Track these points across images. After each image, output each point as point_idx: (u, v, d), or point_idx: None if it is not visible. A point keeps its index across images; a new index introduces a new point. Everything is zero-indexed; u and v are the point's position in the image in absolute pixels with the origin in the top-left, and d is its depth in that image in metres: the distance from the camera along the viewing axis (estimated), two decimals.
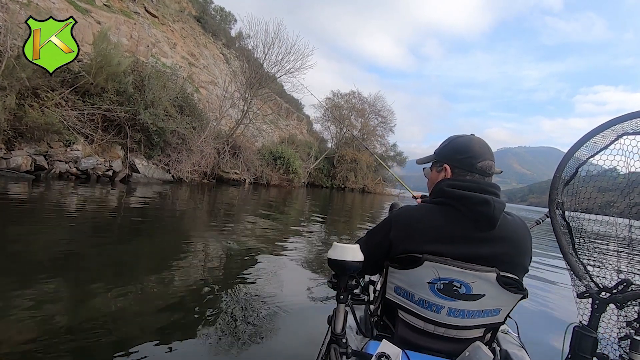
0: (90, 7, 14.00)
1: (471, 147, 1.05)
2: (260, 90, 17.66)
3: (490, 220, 0.93)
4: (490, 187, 0.99)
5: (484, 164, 1.03)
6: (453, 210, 0.97)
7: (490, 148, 1.07)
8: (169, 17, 21.07)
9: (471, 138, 1.08)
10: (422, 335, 1.03)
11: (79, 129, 8.35)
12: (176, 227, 5.25)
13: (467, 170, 1.04)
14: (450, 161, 1.08)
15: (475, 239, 0.95)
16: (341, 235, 6.60)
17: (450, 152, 1.09)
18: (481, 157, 1.03)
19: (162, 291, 2.57)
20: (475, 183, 0.99)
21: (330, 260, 0.94)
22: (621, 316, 1.03)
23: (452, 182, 1.01)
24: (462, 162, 1.05)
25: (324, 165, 28.78)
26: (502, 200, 0.96)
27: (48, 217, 4.46)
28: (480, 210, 0.93)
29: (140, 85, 9.85)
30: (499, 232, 0.96)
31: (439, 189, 1.04)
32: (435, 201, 1.04)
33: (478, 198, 0.94)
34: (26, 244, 3.21)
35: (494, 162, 1.05)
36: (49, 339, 1.73)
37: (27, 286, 2.26)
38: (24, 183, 6.48)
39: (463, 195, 0.96)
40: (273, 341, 2.04)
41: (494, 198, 0.94)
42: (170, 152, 11.23)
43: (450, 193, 0.98)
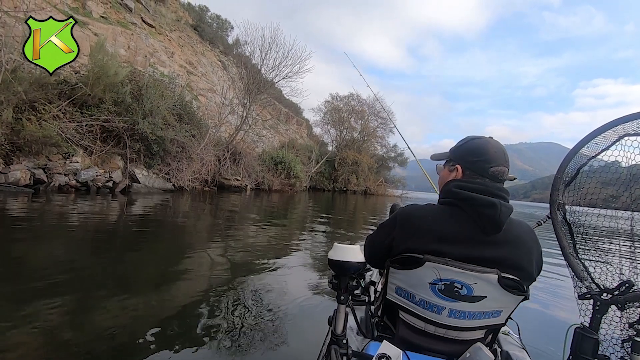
0: (87, 19, 14.11)
1: (486, 151, 1.03)
2: (259, 95, 17.71)
3: (496, 224, 0.92)
4: (499, 191, 0.98)
5: (497, 169, 1.01)
6: (459, 211, 0.97)
7: (506, 153, 1.05)
8: (166, 26, 21.21)
9: (488, 141, 1.06)
10: (423, 336, 1.03)
11: (77, 141, 8.31)
12: (178, 236, 5.18)
13: (478, 173, 1.03)
14: (463, 162, 1.06)
15: (479, 241, 0.94)
16: (343, 238, 6.50)
17: (464, 153, 1.07)
18: (495, 163, 1.02)
19: (164, 298, 2.57)
20: (483, 186, 0.98)
21: (330, 261, 0.96)
22: (623, 317, 1.03)
23: (460, 184, 1.01)
24: (474, 165, 1.04)
25: (325, 168, 28.77)
26: (509, 205, 0.95)
27: (48, 230, 4.41)
28: (486, 213, 0.93)
29: (138, 94, 9.80)
30: (504, 236, 0.95)
31: (447, 189, 1.04)
32: (443, 201, 1.04)
33: (484, 200, 0.93)
34: (26, 258, 3.18)
35: (508, 168, 1.04)
36: (51, 352, 1.71)
37: (28, 300, 2.23)
38: (23, 197, 6.43)
39: (470, 197, 0.95)
40: (274, 342, 2.05)
41: (501, 202, 0.93)
42: (170, 161, 11.19)
43: (458, 194, 0.98)
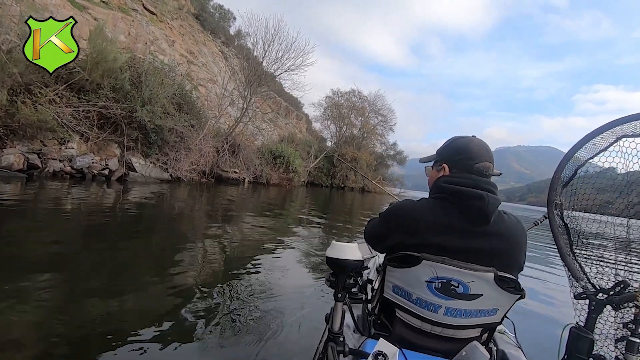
0: (87, 3, 13.91)
1: (469, 149, 1.08)
2: (260, 88, 17.54)
3: (484, 215, 0.96)
4: (486, 185, 1.02)
5: (481, 165, 1.06)
6: (449, 204, 1.01)
7: (489, 150, 1.10)
8: (167, 14, 20.94)
9: (471, 139, 1.11)
10: (419, 335, 1.04)
11: (73, 127, 8.14)
12: (174, 227, 5.10)
13: (464, 170, 1.07)
14: (449, 161, 1.12)
15: (469, 232, 0.97)
16: (340, 235, 6.45)
17: (450, 152, 1.13)
18: (478, 159, 1.06)
19: (159, 292, 2.51)
20: (470, 180, 1.02)
21: (328, 258, 0.97)
22: (617, 317, 1.04)
23: (448, 179, 1.06)
24: (459, 163, 1.09)
25: (323, 164, 28.71)
26: (497, 197, 0.99)
27: (42, 217, 4.32)
28: (473, 204, 0.96)
29: (137, 81, 9.61)
30: (494, 227, 0.98)
31: (436, 185, 1.09)
32: (433, 196, 1.08)
33: (472, 193, 0.97)
34: (19, 245, 3.10)
35: (492, 164, 1.09)
36: (43, 341, 1.69)
37: (20, 288, 2.20)
38: (16, 182, 6.29)
39: (458, 190, 1.00)
40: (270, 339, 2.03)
41: (488, 194, 0.97)
42: (168, 151, 11.03)
43: (446, 188, 1.03)
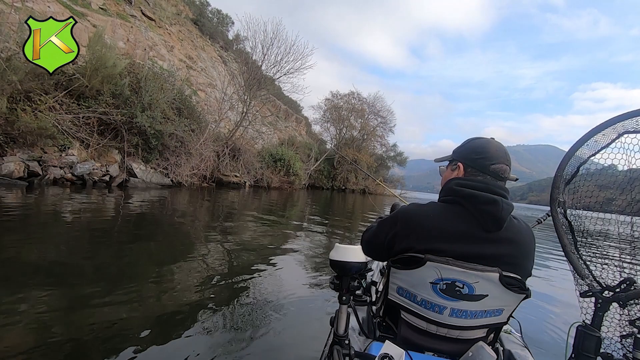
0: (86, 10, 13.97)
1: (487, 149, 1.06)
2: (259, 91, 17.55)
3: (497, 221, 0.94)
4: (499, 189, 0.99)
5: (498, 167, 1.04)
6: (461, 208, 0.98)
7: (507, 153, 1.08)
8: (166, 20, 21.04)
9: (489, 140, 1.09)
10: (425, 336, 1.03)
11: (74, 133, 8.13)
12: (175, 232, 5.06)
13: (479, 170, 1.05)
14: (465, 160, 1.09)
15: (480, 238, 0.95)
16: (343, 237, 6.42)
17: (466, 152, 1.11)
18: (495, 160, 1.04)
19: (160, 297, 2.49)
20: (484, 184, 1.00)
21: (332, 261, 0.96)
22: (624, 315, 1.03)
23: (461, 181, 1.03)
24: (475, 162, 1.06)
25: (324, 166, 28.71)
26: (510, 202, 0.97)
27: (42, 224, 4.28)
28: (487, 210, 0.94)
29: (137, 87, 9.60)
30: (505, 233, 0.96)
31: (448, 187, 1.05)
32: (444, 199, 1.05)
33: (486, 197, 0.94)
34: (20, 252, 3.07)
35: (509, 167, 1.06)
36: (44, 347, 1.68)
37: (21, 295, 2.19)
38: (17, 190, 6.26)
39: (471, 194, 0.96)
40: (275, 343, 2.02)
41: (502, 199, 0.95)
42: (168, 156, 11.02)
43: (459, 192, 0.99)
